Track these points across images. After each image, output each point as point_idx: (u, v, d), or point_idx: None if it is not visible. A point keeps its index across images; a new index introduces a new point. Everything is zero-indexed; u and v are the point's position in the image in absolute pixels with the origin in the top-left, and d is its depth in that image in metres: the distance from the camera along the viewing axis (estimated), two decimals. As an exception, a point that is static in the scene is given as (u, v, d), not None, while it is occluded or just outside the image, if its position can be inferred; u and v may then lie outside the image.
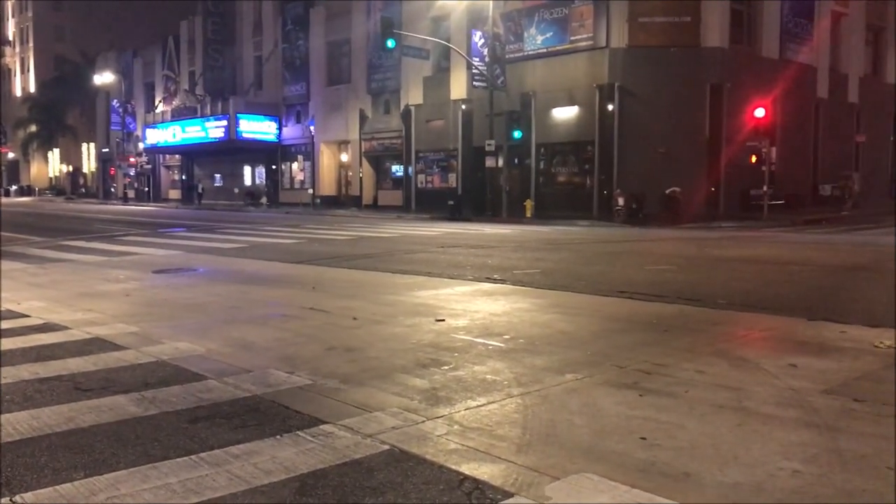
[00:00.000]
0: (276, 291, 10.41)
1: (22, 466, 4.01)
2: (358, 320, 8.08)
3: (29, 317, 8.44)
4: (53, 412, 4.91)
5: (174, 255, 15.57)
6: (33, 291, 10.62)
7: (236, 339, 7.16)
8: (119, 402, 5.14)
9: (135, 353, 6.61)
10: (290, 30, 43.71)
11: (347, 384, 5.59)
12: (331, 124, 41.11)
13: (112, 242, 18.92)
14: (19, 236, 21.39)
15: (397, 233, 21.40)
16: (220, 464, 4.03)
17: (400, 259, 14.46)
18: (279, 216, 32.14)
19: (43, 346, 6.93)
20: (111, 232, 22.77)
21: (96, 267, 13.78)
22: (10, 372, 5.95)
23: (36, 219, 31.30)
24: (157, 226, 25.71)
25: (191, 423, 4.74)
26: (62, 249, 17.20)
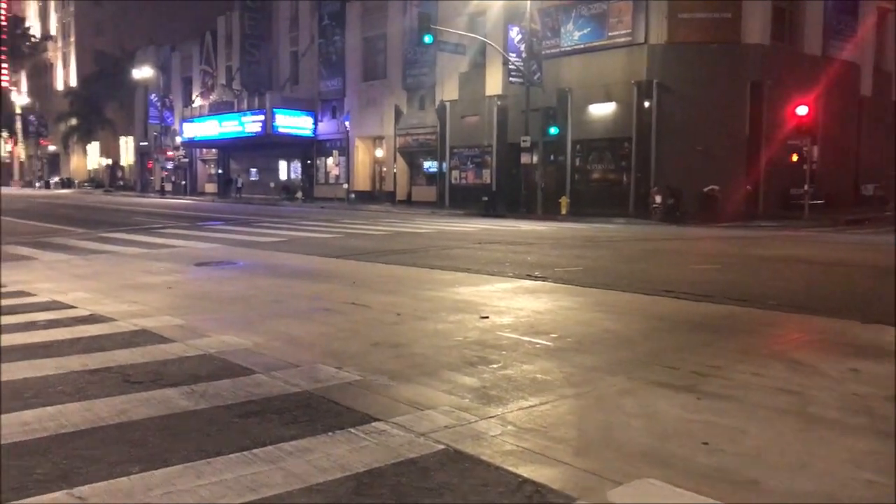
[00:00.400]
0: (317, 286, 10.40)
1: (78, 459, 4.00)
2: (401, 316, 8.02)
3: (76, 308, 8.51)
4: (105, 404, 4.91)
5: (214, 248, 15.66)
6: (78, 282, 10.72)
7: (281, 334, 7.14)
8: (169, 395, 5.13)
9: (182, 345, 6.61)
10: (327, 25, 43.85)
11: (396, 381, 5.53)
12: (366, 120, 41.19)
13: (152, 235, 19.09)
14: (62, 227, 21.69)
15: (433, 229, 21.34)
16: (274, 460, 3.99)
17: (437, 255, 14.40)
18: (314, 211, 32.26)
19: (91, 337, 6.97)
20: (151, 224, 22.99)
21: (138, 259, 13.90)
22: (61, 363, 5.98)
23: (76, 211, 31.73)
24: (195, 219, 25.92)
25: (242, 417, 4.71)
26: (104, 241, 17.40)
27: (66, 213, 30.00)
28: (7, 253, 15.28)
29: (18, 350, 6.40)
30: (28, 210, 31.71)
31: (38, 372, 5.69)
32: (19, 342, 6.71)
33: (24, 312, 8.24)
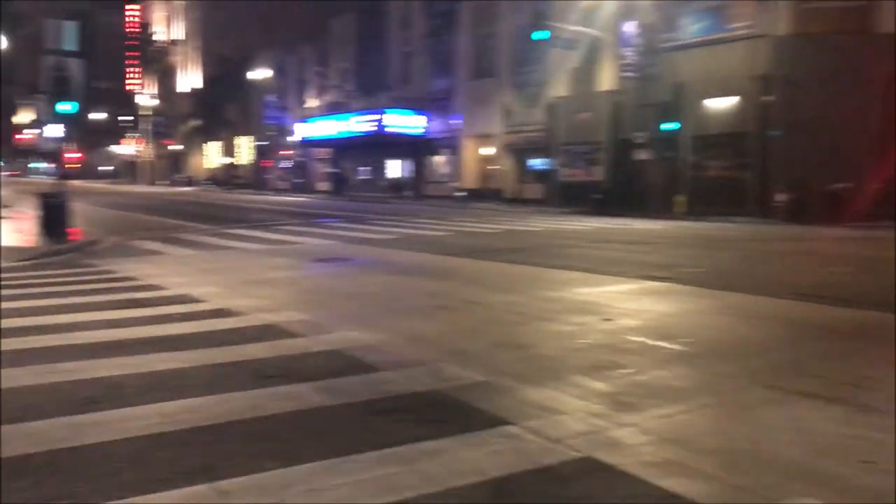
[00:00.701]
0: (434, 283, 10.39)
1: (219, 453, 4.07)
2: (523, 316, 7.88)
3: (206, 302, 8.79)
4: (239, 398, 4.99)
5: (331, 245, 15.96)
6: (206, 277, 11.11)
7: (404, 331, 7.13)
8: (300, 390, 5.17)
9: (308, 341, 6.70)
10: (438, 25, 44.10)
11: (523, 383, 5.41)
12: (475, 118, 41.19)
13: (271, 231, 19.65)
14: (187, 224, 22.65)
15: (544, 227, 21.09)
16: (408, 461, 3.93)
17: (552, 254, 14.17)
18: (424, 208, 32.51)
19: (221, 331, 7.16)
20: (269, 221, 23.70)
21: (259, 255, 14.30)
22: (194, 356, 6.15)
23: (199, 208, 33.10)
24: (310, 216, 26.56)
25: (373, 415, 4.69)
26: (226, 237, 18.02)
27: (191, 209, 31.34)
28: (138, 247, 16.06)
29: (156, 342, 6.64)
30: (156, 207, 33.33)
31: (177, 364, 5.87)
32: (157, 334, 6.97)
33: (158, 306, 8.58)
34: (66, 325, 7.42)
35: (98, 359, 6.02)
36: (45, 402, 4.91)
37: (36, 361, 5.92)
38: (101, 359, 6.02)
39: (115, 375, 5.51)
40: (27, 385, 5.26)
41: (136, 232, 19.91)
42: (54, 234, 17.52)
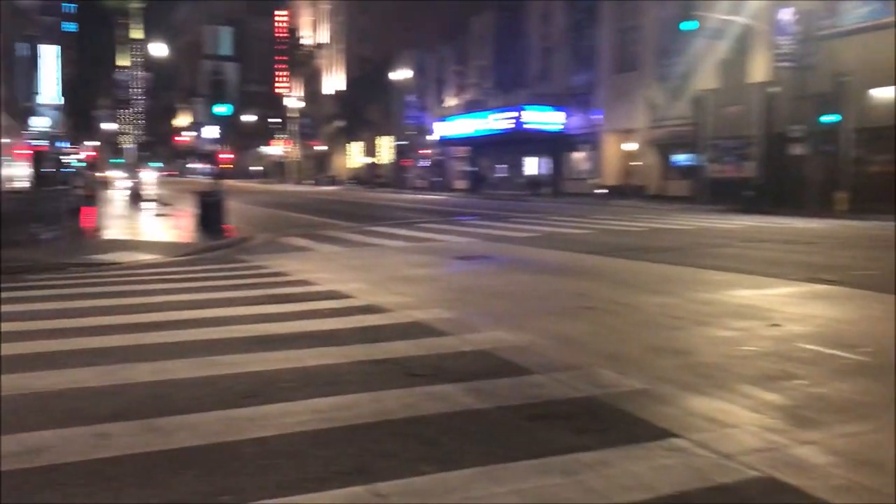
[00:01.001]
0: (580, 283, 10.06)
1: (374, 453, 3.99)
2: (679, 319, 7.45)
3: (353, 298, 8.88)
4: (392, 397, 4.92)
5: (471, 243, 15.89)
6: (351, 273, 11.27)
7: (552, 332, 6.89)
8: (452, 391, 5.04)
9: (456, 340, 6.58)
10: (579, 19, 43.40)
11: (686, 391, 5.06)
12: (617, 113, 40.20)
13: (411, 229, 19.85)
14: (332, 221, 23.28)
15: (692, 225, 20.18)
16: (570, 472, 3.71)
17: (703, 253, 13.48)
18: (563, 206, 32.00)
19: (370, 327, 7.17)
20: (409, 219, 24.00)
21: (401, 252, 14.42)
22: (345, 351, 6.16)
23: (343, 206, 34.06)
24: (448, 214, 26.70)
25: (529, 421, 4.49)
26: (369, 234, 18.34)
27: (335, 208, 32.28)
28: (287, 244, 16.60)
29: (307, 338, 6.71)
30: (302, 205, 34.55)
31: (328, 360, 5.89)
32: (308, 330, 7.06)
33: (308, 301, 8.74)
34: (223, 318, 7.66)
35: (253, 353, 6.13)
36: (205, 394, 5.02)
37: (197, 354, 6.10)
38: (256, 353, 6.13)
39: (270, 370, 5.59)
40: (189, 377, 5.41)
41: (285, 229, 20.63)
42: (210, 230, 18.42)
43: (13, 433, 4.24)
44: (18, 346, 6.40)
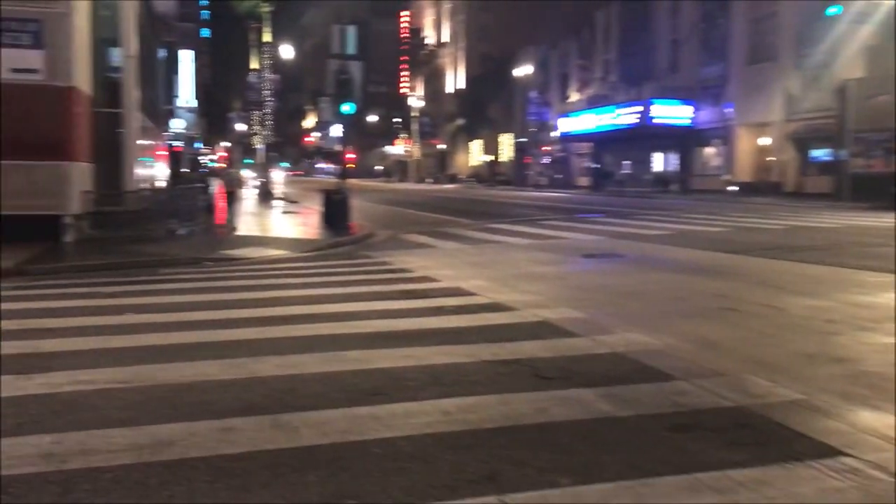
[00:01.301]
0: (717, 283, 9.45)
1: (503, 460, 3.72)
2: (833, 323, 6.81)
3: (477, 295, 8.65)
4: (522, 400, 4.64)
5: (598, 240, 15.38)
6: (474, 270, 11.06)
7: (691, 334, 6.42)
8: (586, 396, 4.71)
9: (587, 341, 6.22)
10: (710, 9, 41.70)
11: (851, 403, 4.52)
12: (750, 106, 38.33)
13: (534, 226, 19.49)
14: (452, 219, 23.21)
15: (838, 223, 18.83)
16: (724, 490, 3.32)
17: (854, 253, 12.46)
18: (692, 203, 30.74)
19: (495, 326, 6.91)
20: (531, 216, 23.63)
21: (525, 249, 14.11)
22: (471, 351, 5.93)
23: (463, 204, 34.04)
24: (572, 211, 26.13)
25: (673, 431, 4.11)
26: (490, 231, 18.11)
27: (455, 205, 32.29)
28: (409, 240, 16.60)
29: (432, 335, 6.53)
30: (423, 203, 34.78)
31: (454, 358, 5.67)
32: (432, 327, 6.88)
33: (431, 297, 8.58)
34: (348, 313, 7.60)
35: (378, 349, 6.00)
36: (330, 390, 4.90)
37: (322, 349, 6.03)
38: (381, 349, 5.99)
39: (396, 367, 5.42)
40: (315, 372, 5.32)
41: (406, 226, 20.71)
42: (335, 227, 18.70)
43: (143, 425, 4.23)
44: (152, 338, 6.53)
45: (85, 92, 16.60)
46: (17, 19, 15.00)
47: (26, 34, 15.07)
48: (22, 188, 15.19)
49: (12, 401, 4.69)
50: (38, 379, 5.18)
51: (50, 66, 15.26)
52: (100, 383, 5.06)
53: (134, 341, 6.40)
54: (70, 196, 15.57)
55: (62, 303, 8.66)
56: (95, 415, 4.44)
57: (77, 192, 15.72)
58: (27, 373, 5.33)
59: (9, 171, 15.15)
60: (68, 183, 15.52)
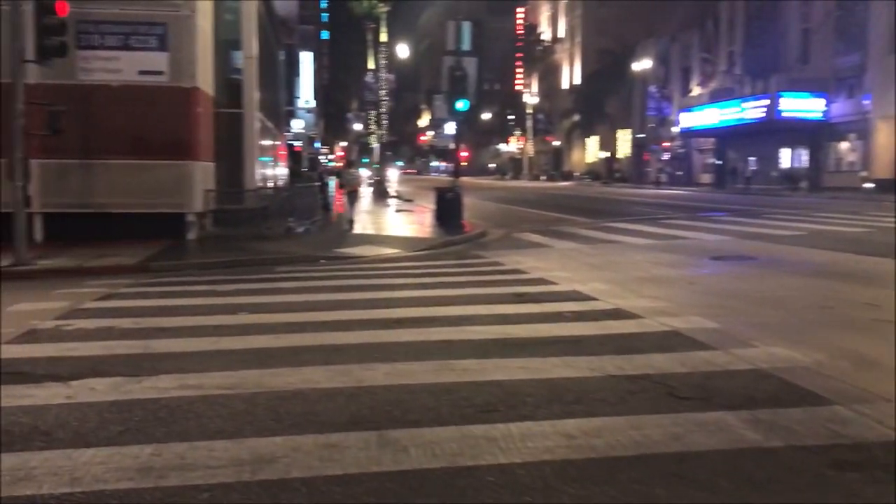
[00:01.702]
0: (866, 289, 8.56)
1: (636, 496, 3.25)
2: None
3: (597, 300, 8.12)
4: (654, 424, 4.14)
5: (724, 241, 14.46)
6: (592, 272, 10.51)
7: (843, 350, 5.71)
8: (727, 421, 4.16)
9: (724, 355, 5.62)
10: (846, -6, 39.12)
11: None
12: (891, 97, 35.64)
13: (655, 225, 18.63)
14: (567, 217, 22.56)
15: None
16: (911, 553, 2.74)
17: None
18: (825, 201, 28.84)
19: (619, 335, 6.40)
20: (651, 215, 22.68)
21: (646, 250, 13.40)
22: (593, 363, 5.45)
23: (578, 201, 33.21)
24: (694, 209, 24.95)
25: (835, 469, 3.52)
26: (608, 231, 17.42)
27: (570, 203, 31.52)
28: (523, 240, 16.15)
29: (550, 343, 6.09)
30: (536, 201, 34.16)
31: (575, 372, 5.22)
32: (549, 334, 6.44)
33: (547, 301, 8.12)
34: (460, 317, 7.26)
35: (492, 358, 5.62)
36: (441, 404, 4.55)
37: (434, 356, 5.70)
38: (495, 358, 5.61)
39: (511, 380, 5.02)
40: (425, 383, 4.98)
41: (520, 224, 20.26)
42: (448, 226, 18.48)
43: (246, 437, 4.01)
44: (262, 340, 6.39)
45: (207, 93, 17.03)
46: (145, 23, 15.51)
47: (153, 37, 15.56)
48: (148, 187, 15.70)
49: (119, 406, 4.58)
50: (146, 382, 5.08)
51: (174, 68, 15.70)
52: (206, 388, 4.91)
53: (244, 343, 6.27)
54: (193, 194, 15.98)
55: (179, 301, 8.73)
56: (198, 424, 4.26)
57: (200, 191, 16.12)
58: (136, 375, 5.25)
59: (136, 170, 15.70)
60: (191, 182, 15.93)
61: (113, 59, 15.48)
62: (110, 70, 15.50)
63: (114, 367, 5.49)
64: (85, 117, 15.48)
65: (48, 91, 15.30)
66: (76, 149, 15.43)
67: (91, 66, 15.42)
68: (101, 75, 15.48)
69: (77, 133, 15.46)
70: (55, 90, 15.29)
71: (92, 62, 15.42)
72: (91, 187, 15.59)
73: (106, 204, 15.59)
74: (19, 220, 12.05)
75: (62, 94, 15.36)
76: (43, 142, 15.22)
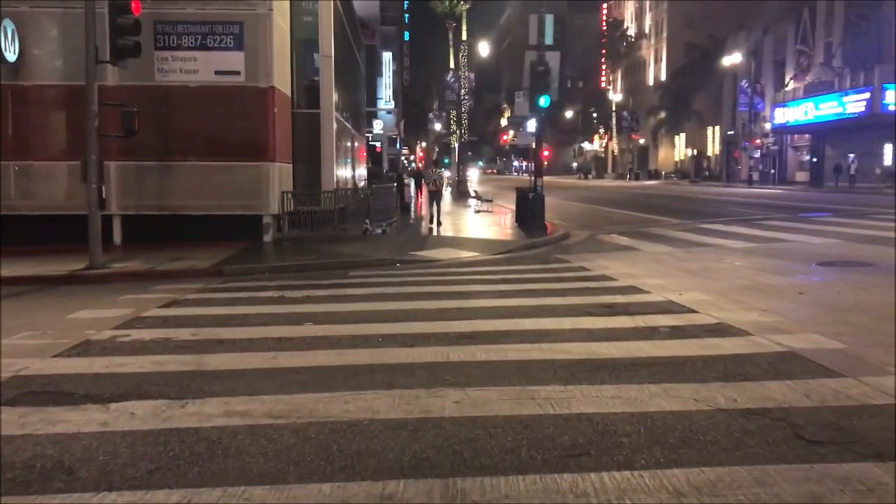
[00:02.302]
0: None
1: None
2: None
3: (696, 312, 7.27)
4: (784, 478, 3.34)
5: (832, 244, 13.25)
6: (688, 279, 9.62)
7: None
8: (876, 476, 3.34)
9: (856, 384, 4.74)
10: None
11: None
12: None
13: (752, 227, 17.41)
14: (655, 217, 21.47)
15: None
16: None
17: None
18: (937, 201, 26.74)
19: (726, 356, 5.56)
20: (747, 215, 21.34)
21: (746, 254, 12.34)
22: (700, 392, 4.66)
23: (667, 201, 31.85)
24: (794, 209, 23.43)
25: None
26: (701, 232, 16.35)
27: (657, 202, 30.24)
28: (609, 242, 15.27)
29: (645, 366, 5.32)
30: (621, 200, 32.96)
31: (678, 404, 4.44)
32: (644, 354, 5.66)
33: (640, 314, 7.30)
34: (542, 332, 6.54)
35: (578, 384, 4.89)
36: (519, 444, 3.86)
37: (511, 380, 5.01)
38: (582, 384, 4.88)
39: (602, 414, 4.28)
40: (501, 415, 4.30)
41: (605, 226, 19.34)
42: (529, 227, 17.72)
43: (289, 483, 3.41)
44: (323, 356, 5.83)
45: (284, 93, 16.76)
46: (222, 22, 15.30)
47: (229, 36, 15.35)
48: (225, 188, 15.51)
49: (155, 436, 4.07)
50: (190, 407, 4.57)
51: (250, 68, 15.46)
52: (254, 416, 4.36)
53: (303, 360, 5.72)
54: (270, 196, 15.71)
55: (245, 308, 8.30)
56: (238, 463, 3.69)
57: (276, 193, 15.83)
58: (182, 398, 4.74)
59: (212, 172, 15.53)
60: (268, 183, 15.66)
61: (190, 59, 15.34)
62: (187, 70, 15.37)
63: (160, 387, 5.01)
64: (162, 118, 15.42)
65: (126, 92, 15.32)
66: (153, 150, 15.37)
67: (168, 66, 15.32)
68: (178, 76, 15.37)
69: (154, 134, 15.40)
70: (133, 91, 15.29)
71: (169, 63, 15.32)
72: (168, 189, 15.50)
73: (183, 206, 15.48)
74: (94, 222, 11.93)
75: (140, 95, 15.33)
76: (121, 144, 15.24)
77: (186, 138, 15.54)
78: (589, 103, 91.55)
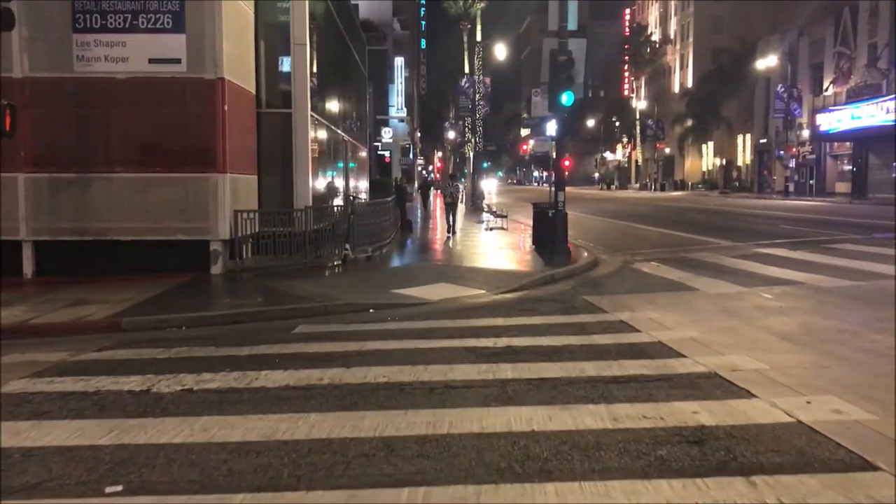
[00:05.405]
0: None
1: None
2: None
3: (879, 470, 3.83)
4: None
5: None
6: (794, 351, 6.23)
7: None
8: None
9: None
10: None
11: None
12: None
13: (827, 253, 13.91)
14: (697, 237, 17.97)
15: None
16: None
17: None
18: None
19: None
20: (806, 235, 17.78)
21: (852, 299, 8.89)
22: None
23: (702, 215, 28.27)
24: (855, 227, 19.86)
25: None
26: (766, 261, 12.90)
27: (693, 217, 26.66)
28: (650, 275, 11.90)
29: None
30: (651, 215, 29.37)
31: None
32: None
33: (758, 454, 3.88)
34: None
35: None
36: None
37: None
38: None
39: None
40: None
41: (639, 248, 15.96)
42: (548, 251, 14.38)
43: None
44: None
45: (241, 87, 13.48)
46: (157, -3, 12.08)
47: (167, 15, 12.11)
48: (162, 207, 12.25)
49: None
50: None
51: (194, 55, 12.21)
52: None
53: None
54: (217, 217, 12.42)
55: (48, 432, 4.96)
56: None
57: (227, 212, 12.52)
58: None
59: (147, 186, 12.27)
60: (215, 200, 12.37)
61: (117, 44, 12.10)
62: (114, 58, 12.12)
63: None
64: (83, 119, 12.21)
65: (39, 86, 12.16)
66: (73, 159, 12.16)
67: (90, 53, 12.08)
68: (102, 65, 12.12)
69: (74, 139, 12.22)
70: (47, 85, 12.12)
71: (91, 49, 12.07)
72: (92, 208, 12.26)
73: (110, 229, 12.23)
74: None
75: (57, 89, 12.18)
76: (33, 152, 12.11)
77: (114, 144, 12.31)
78: (611, 112, 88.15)
